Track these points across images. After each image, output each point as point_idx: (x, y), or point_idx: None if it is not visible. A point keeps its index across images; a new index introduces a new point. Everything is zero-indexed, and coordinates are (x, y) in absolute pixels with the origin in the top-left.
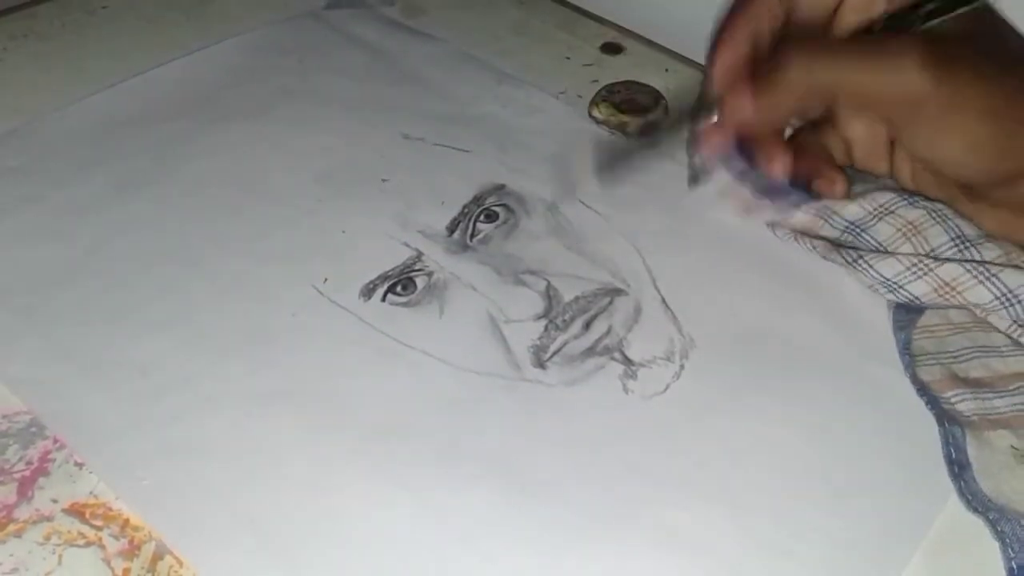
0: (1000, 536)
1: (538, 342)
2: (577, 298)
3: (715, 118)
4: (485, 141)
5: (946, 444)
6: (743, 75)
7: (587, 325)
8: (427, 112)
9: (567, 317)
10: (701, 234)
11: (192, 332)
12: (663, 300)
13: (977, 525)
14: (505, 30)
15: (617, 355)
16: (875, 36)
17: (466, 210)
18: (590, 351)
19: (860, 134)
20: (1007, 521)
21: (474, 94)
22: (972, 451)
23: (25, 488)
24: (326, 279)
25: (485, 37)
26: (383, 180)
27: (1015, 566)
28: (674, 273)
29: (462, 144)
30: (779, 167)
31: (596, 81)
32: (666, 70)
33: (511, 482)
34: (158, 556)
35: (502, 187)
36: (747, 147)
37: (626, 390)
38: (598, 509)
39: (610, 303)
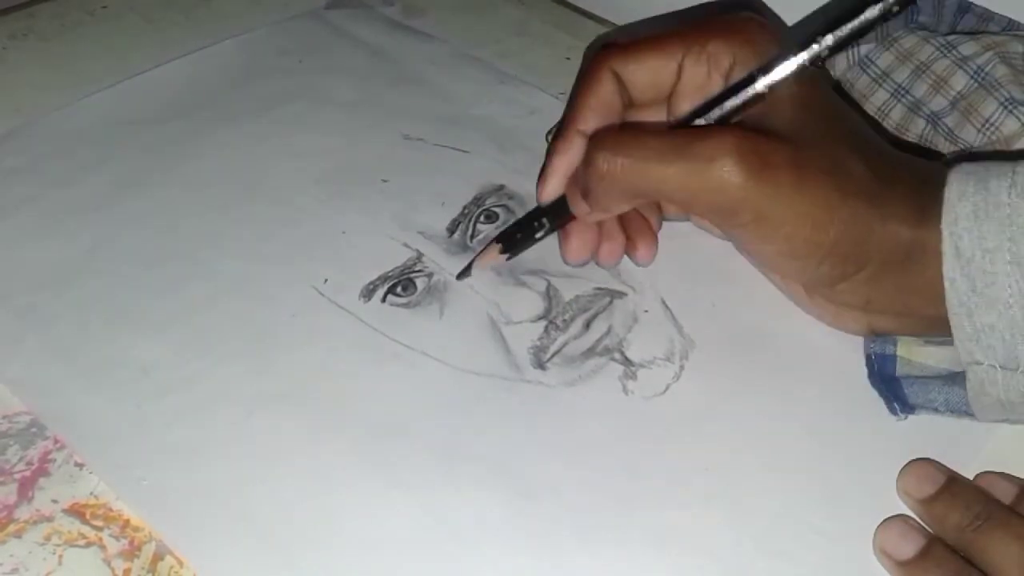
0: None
1: (538, 343)
2: (577, 297)
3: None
4: (485, 142)
5: None
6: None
7: (587, 325)
8: (427, 112)
9: (567, 317)
10: (701, 234)
11: (192, 332)
12: (663, 301)
13: None
14: (505, 30)
15: (617, 356)
16: (690, 130)
17: (466, 211)
18: (590, 352)
19: None
20: None
21: (474, 94)
22: None
23: (25, 488)
24: (326, 280)
25: (485, 37)
26: (383, 181)
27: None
28: (674, 273)
29: (462, 145)
30: (574, 256)
31: None
32: None
33: (511, 483)
34: (158, 556)
35: (502, 188)
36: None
37: (626, 391)
38: (597, 510)
39: (610, 303)
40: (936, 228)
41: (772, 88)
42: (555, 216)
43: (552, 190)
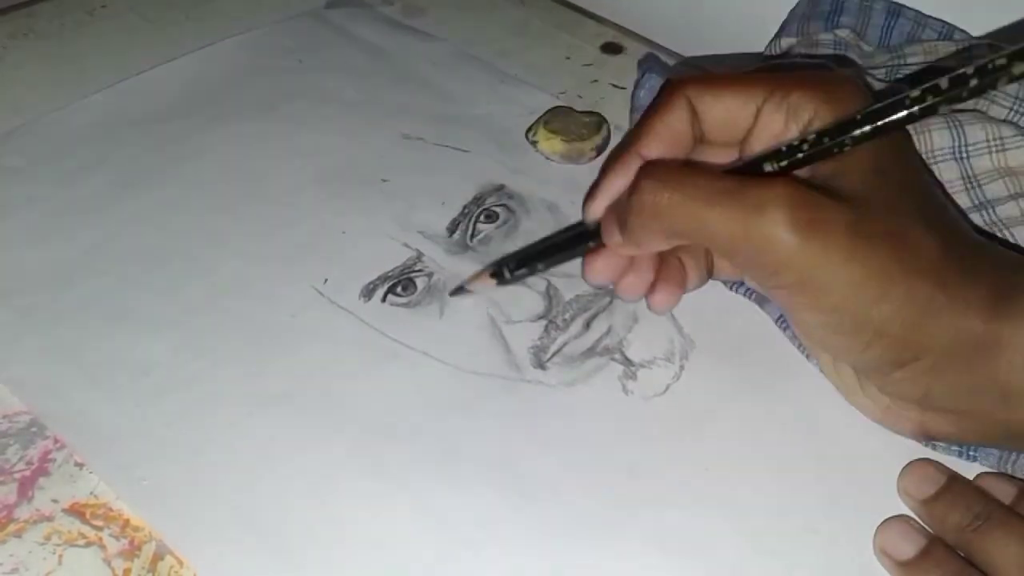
0: None
1: (538, 343)
2: (577, 297)
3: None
4: (485, 141)
5: None
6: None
7: (587, 325)
8: (427, 112)
9: (567, 317)
10: None
11: (192, 332)
12: None
13: None
14: (505, 30)
15: (617, 356)
16: (745, 176)
17: (466, 210)
18: (590, 351)
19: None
20: None
21: (474, 94)
22: None
23: (25, 488)
24: (326, 280)
25: (485, 37)
26: (383, 180)
27: None
28: None
29: (462, 144)
30: (596, 277)
31: (596, 81)
32: None
33: (511, 483)
34: (158, 556)
35: (502, 187)
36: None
37: (626, 391)
38: (597, 510)
39: (610, 303)
40: (1018, 323)
41: (848, 144)
42: (570, 248)
43: (600, 209)
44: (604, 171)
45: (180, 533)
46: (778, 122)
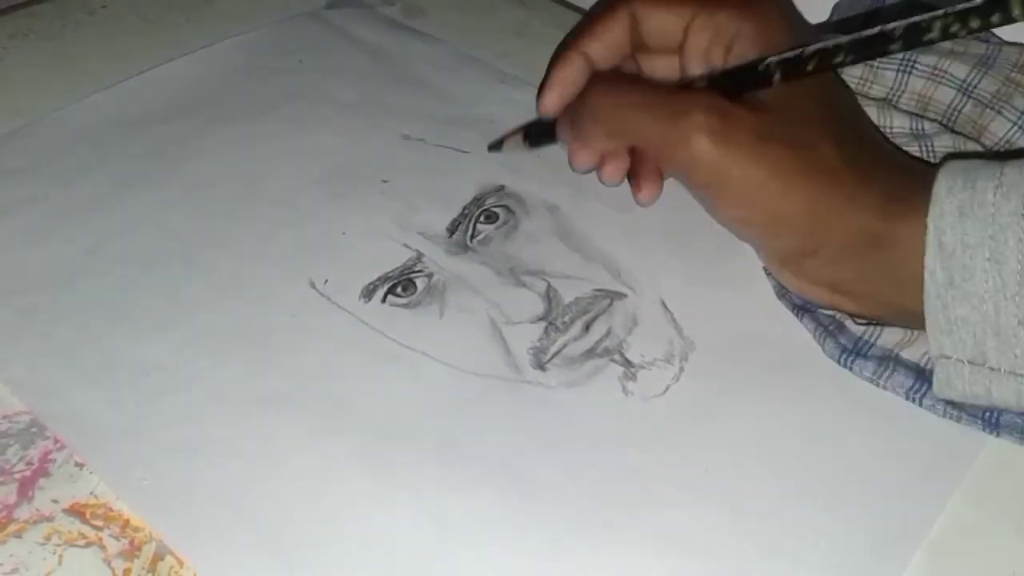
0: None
1: (538, 344)
2: (577, 299)
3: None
4: (485, 142)
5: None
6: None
7: (587, 327)
8: (427, 113)
9: (567, 319)
10: (702, 236)
11: (192, 332)
12: (663, 302)
13: (978, 526)
14: (506, 31)
15: (617, 357)
16: (672, 88)
17: (466, 211)
18: (590, 353)
19: None
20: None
21: (475, 95)
22: None
23: (25, 488)
24: (326, 280)
25: (486, 38)
26: (383, 181)
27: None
28: (674, 275)
29: (462, 145)
30: (580, 163)
31: None
32: None
33: (510, 484)
34: (159, 556)
35: (502, 188)
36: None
37: (626, 392)
38: (597, 511)
39: (610, 305)
40: (908, 221)
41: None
42: None
43: (550, 102)
44: (551, 66)
45: (180, 533)
46: (704, 39)
